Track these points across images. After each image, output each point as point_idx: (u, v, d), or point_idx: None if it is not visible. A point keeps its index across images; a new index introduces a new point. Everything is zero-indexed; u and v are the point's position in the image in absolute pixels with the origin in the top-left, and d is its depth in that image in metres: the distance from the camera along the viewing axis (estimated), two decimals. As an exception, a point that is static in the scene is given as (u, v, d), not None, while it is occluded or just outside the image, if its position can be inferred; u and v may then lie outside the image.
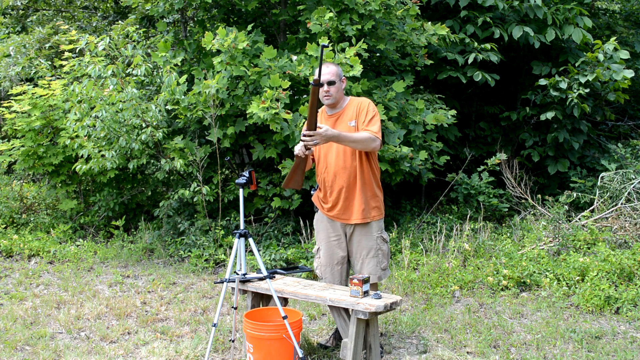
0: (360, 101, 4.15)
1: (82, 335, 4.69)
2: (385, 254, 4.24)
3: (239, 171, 7.44)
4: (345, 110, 4.16)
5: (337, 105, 4.16)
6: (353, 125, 4.09)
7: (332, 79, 4.06)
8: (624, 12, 10.30)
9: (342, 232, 4.24)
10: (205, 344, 4.40)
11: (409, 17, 7.14)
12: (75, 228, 7.94)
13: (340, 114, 4.15)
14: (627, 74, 7.67)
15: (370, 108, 4.10)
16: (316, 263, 4.35)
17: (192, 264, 6.54)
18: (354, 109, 4.12)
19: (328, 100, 4.11)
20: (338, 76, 4.09)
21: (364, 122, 4.06)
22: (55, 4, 10.84)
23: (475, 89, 8.81)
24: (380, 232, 4.21)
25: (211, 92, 6.33)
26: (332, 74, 4.07)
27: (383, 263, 4.23)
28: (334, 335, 4.41)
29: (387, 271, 4.27)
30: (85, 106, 6.93)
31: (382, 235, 4.22)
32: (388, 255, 4.28)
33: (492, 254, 6.27)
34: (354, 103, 4.16)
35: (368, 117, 4.07)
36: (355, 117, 4.09)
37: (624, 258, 5.54)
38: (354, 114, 4.11)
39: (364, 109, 4.09)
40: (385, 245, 4.25)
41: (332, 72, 4.07)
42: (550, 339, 4.50)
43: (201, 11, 7.54)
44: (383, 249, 4.22)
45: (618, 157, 7.96)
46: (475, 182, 7.66)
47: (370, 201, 4.15)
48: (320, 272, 4.32)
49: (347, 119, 4.12)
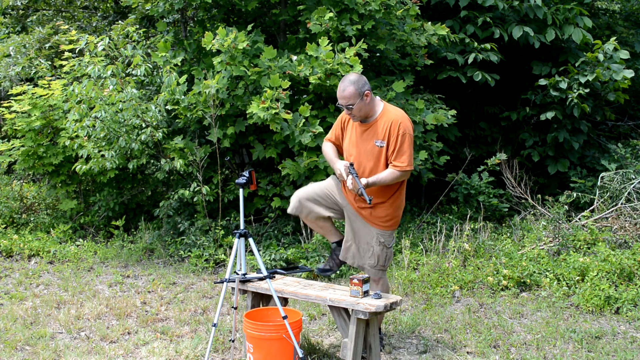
0: (392, 120, 3.94)
1: (82, 335, 4.69)
2: (375, 254, 4.11)
3: (239, 171, 7.44)
4: (376, 123, 3.99)
5: (368, 117, 4.02)
6: (379, 145, 3.95)
7: (349, 103, 3.92)
8: (624, 12, 10.30)
9: (345, 205, 4.16)
10: (205, 344, 4.40)
11: (409, 17, 7.14)
12: (75, 228, 7.94)
13: (370, 126, 4.01)
14: (627, 74, 7.68)
15: (401, 132, 3.91)
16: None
17: (192, 264, 6.54)
18: (385, 128, 3.95)
19: (354, 119, 4.04)
20: (355, 96, 3.90)
21: (392, 153, 3.93)
22: (55, 4, 10.83)
23: (475, 89, 8.81)
24: (380, 234, 4.10)
25: (211, 92, 6.33)
26: (348, 98, 3.91)
27: (372, 260, 4.12)
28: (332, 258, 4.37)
29: (378, 271, 4.15)
30: (85, 106, 6.93)
31: (380, 238, 4.11)
32: (380, 258, 4.13)
33: (492, 254, 6.27)
34: (386, 118, 3.97)
35: (397, 147, 3.91)
36: (385, 138, 3.95)
37: (624, 258, 5.54)
38: (383, 133, 3.95)
39: (394, 133, 3.92)
40: (379, 248, 4.12)
41: (347, 97, 3.91)
42: (550, 339, 4.50)
43: (201, 11, 7.53)
44: (375, 250, 4.12)
45: (618, 157, 7.96)
46: (475, 182, 7.66)
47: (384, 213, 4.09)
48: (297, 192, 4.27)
49: (375, 135, 3.98)
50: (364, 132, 4.03)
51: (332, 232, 4.34)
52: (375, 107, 4.03)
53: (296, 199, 4.23)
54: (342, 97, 3.93)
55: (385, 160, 4.00)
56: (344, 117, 4.21)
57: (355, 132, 4.08)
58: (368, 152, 4.02)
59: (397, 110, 4.07)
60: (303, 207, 4.21)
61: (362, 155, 4.05)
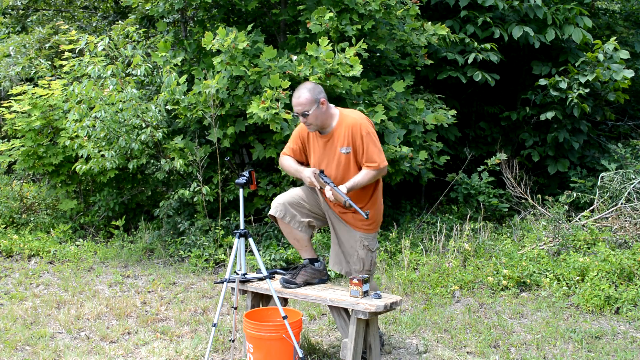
0: (352, 125, 3.86)
1: (82, 335, 4.69)
2: (360, 258, 4.04)
3: (239, 171, 7.44)
4: (335, 133, 3.91)
5: (326, 127, 3.93)
6: (345, 152, 3.87)
7: (305, 110, 3.82)
8: (624, 12, 10.30)
9: (327, 209, 4.09)
10: (205, 344, 4.40)
11: (409, 17, 7.14)
12: (75, 228, 7.94)
13: (330, 137, 3.93)
14: (627, 74, 7.68)
15: (364, 132, 3.83)
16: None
17: (192, 264, 6.54)
18: (346, 134, 3.86)
19: (310, 128, 3.92)
20: (311, 103, 3.82)
21: (363, 156, 3.86)
22: (55, 4, 10.84)
23: (475, 89, 8.81)
24: (363, 238, 4.03)
25: (211, 92, 6.33)
26: (303, 104, 3.82)
27: (357, 265, 4.06)
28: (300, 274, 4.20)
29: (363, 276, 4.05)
30: (85, 106, 6.93)
31: (364, 242, 4.04)
32: (365, 262, 4.05)
33: (492, 254, 6.27)
34: (344, 125, 3.88)
35: (365, 149, 3.84)
36: (349, 144, 3.86)
37: (624, 258, 5.54)
38: (346, 139, 3.87)
39: (358, 137, 3.84)
40: (364, 252, 4.04)
41: (303, 103, 3.82)
42: (550, 339, 4.50)
43: (201, 11, 7.54)
44: (360, 254, 4.05)
45: (618, 157, 7.96)
46: (475, 182, 7.66)
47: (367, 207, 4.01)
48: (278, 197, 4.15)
49: (338, 144, 3.90)
50: (327, 144, 3.95)
51: (307, 248, 4.20)
52: (331, 117, 3.92)
53: (280, 202, 4.09)
54: (297, 104, 3.83)
55: (355, 165, 3.92)
56: (302, 133, 4.09)
57: (318, 146, 4.00)
58: (336, 162, 3.94)
59: (353, 112, 4.01)
60: (287, 211, 4.07)
61: (332, 167, 3.96)
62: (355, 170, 3.93)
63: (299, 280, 4.15)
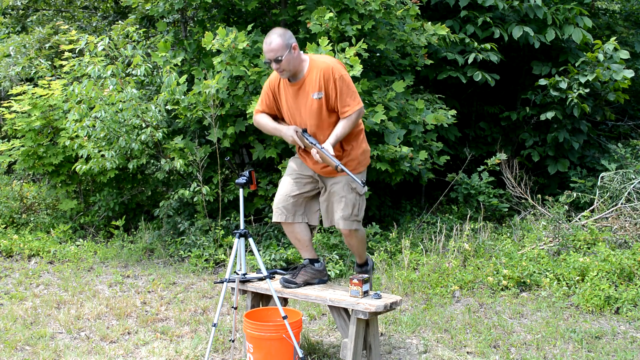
0: (323, 69, 3.77)
1: (82, 335, 4.69)
2: (349, 203, 3.96)
3: (239, 171, 7.44)
4: (306, 79, 3.83)
5: (297, 74, 3.84)
6: (317, 98, 3.79)
7: (277, 56, 3.72)
8: (624, 12, 10.30)
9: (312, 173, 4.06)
10: (205, 344, 4.40)
11: (409, 17, 7.14)
12: (75, 228, 7.94)
13: (301, 84, 3.84)
14: (627, 74, 7.68)
15: (336, 76, 3.76)
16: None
17: (192, 264, 6.54)
18: (318, 79, 3.78)
19: (283, 75, 3.82)
20: (283, 48, 3.73)
21: (336, 101, 3.79)
22: (55, 4, 10.84)
23: (475, 89, 8.81)
24: (350, 181, 3.93)
25: (211, 92, 6.33)
26: (276, 50, 3.72)
27: (346, 211, 3.97)
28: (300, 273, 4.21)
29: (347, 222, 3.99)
30: (85, 106, 6.93)
31: (351, 184, 3.94)
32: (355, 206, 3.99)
33: (492, 254, 6.27)
34: (315, 70, 3.80)
35: (338, 92, 3.78)
36: (322, 89, 3.78)
37: (624, 258, 5.54)
38: (317, 84, 3.79)
39: (331, 80, 3.76)
40: (352, 195, 3.97)
41: (275, 49, 3.72)
42: (550, 339, 4.50)
43: (201, 11, 7.54)
44: (349, 198, 3.96)
45: (618, 157, 7.96)
46: (475, 182, 7.66)
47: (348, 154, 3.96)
48: (275, 202, 4.13)
49: (310, 90, 3.82)
50: (298, 91, 3.88)
51: (308, 248, 4.20)
52: (302, 63, 3.84)
53: (278, 207, 4.10)
54: (269, 50, 3.73)
55: (327, 112, 3.86)
56: (272, 83, 4.01)
57: (289, 95, 3.93)
58: (308, 110, 3.86)
59: (324, 57, 3.94)
60: (287, 212, 4.08)
61: (304, 115, 3.90)
62: (328, 118, 3.87)
63: (299, 280, 4.15)
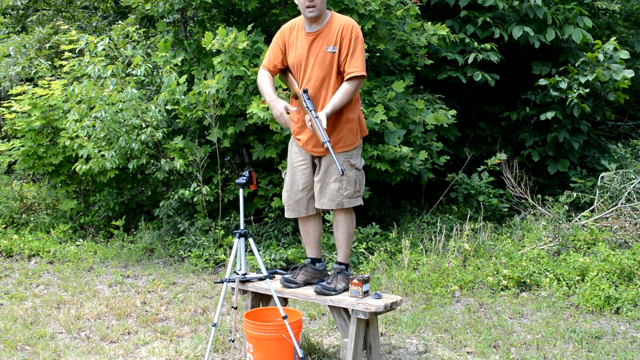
0: (344, 25, 3.79)
1: (82, 335, 4.69)
2: (351, 180, 3.93)
3: (239, 171, 7.44)
4: (325, 30, 3.82)
5: (319, 20, 3.82)
6: (331, 51, 3.77)
7: None
8: (624, 12, 10.31)
9: (309, 158, 4.05)
10: (205, 344, 4.40)
11: (409, 17, 7.14)
12: (75, 228, 7.95)
13: (319, 33, 3.82)
14: (627, 74, 7.68)
15: (353, 36, 3.77)
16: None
17: (192, 264, 6.54)
18: (337, 32, 3.78)
19: (312, 12, 3.75)
20: None
21: (346, 58, 3.77)
22: (55, 4, 10.84)
23: (475, 89, 8.81)
24: (349, 158, 3.92)
25: (211, 92, 6.33)
26: None
27: (347, 190, 3.93)
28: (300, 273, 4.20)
29: (352, 200, 3.96)
30: (85, 106, 6.94)
31: (351, 160, 3.92)
32: (357, 183, 3.96)
33: (492, 254, 6.27)
34: (336, 23, 3.80)
35: (351, 51, 3.76)
36: (337, 43, 3.78)
37: (624, 258, 5.54)
38: (334, 37, 3.78)
39: (347, 37, 3.76)
40: (353, 172, 3.93)
41: None
42: (550, 339, 4.50)
43: (201, 11, 7.54)
44: (350, 176, 3.92)
45: (618, 157, 7.96)
46: (475, 182, 7.66)
47: (343, 127, 3.90)
48: (284, 198, 4.14)
49: (326, 42, 3.80)
50: (314, 41, 3.85)
51: (315, 246, 4.20)
52: (326, 12, 3.84)
53: (287, 204, 4.12)
54: None
55: (336, 69, 3.83)
56: (285, 32, 3.96)
57: (302, 43, 3.89)
58: (319, 62, 3.83)
59: (346, 17, 3.92)
60: (299, 208, 4.09)
61: (313, 67, 3.85)
62: (335, 75, 3.84)
63: (299, 280, 4.15)
